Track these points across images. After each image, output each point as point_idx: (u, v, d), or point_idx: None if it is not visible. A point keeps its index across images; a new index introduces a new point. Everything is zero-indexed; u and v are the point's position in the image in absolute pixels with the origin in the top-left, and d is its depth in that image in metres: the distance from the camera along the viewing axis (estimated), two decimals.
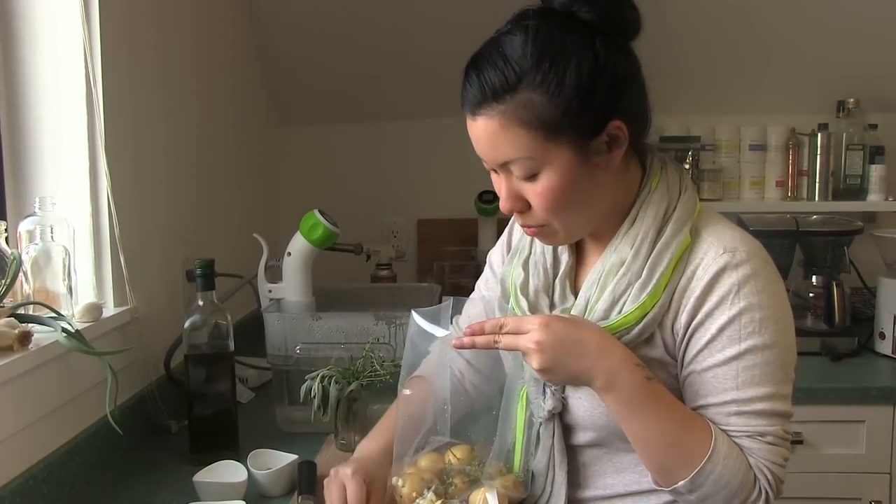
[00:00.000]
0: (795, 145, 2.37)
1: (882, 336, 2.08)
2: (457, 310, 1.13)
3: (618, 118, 0.97)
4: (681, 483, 0.96)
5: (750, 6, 2.25)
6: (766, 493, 0.97)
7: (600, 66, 0.94)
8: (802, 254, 2.20)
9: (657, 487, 1.01)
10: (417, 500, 1.04)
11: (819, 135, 2.31)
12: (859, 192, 2.33)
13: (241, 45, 2.33)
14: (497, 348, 1.00)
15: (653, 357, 1.02)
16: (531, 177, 0.98)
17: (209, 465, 1.32)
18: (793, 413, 1.01)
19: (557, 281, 1.10)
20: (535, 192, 0.98)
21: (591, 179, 0.99)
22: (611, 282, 1.02)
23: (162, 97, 1.71)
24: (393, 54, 2.41)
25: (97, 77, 1.42)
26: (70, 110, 1.42)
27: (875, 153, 2.32)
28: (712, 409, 0.99)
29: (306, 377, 1.43)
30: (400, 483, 1.07)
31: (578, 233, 1.07)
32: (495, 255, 1.28)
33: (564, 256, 1.11)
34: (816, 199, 2.33)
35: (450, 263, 2.50)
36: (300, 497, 1.22)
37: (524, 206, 1.01)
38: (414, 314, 1.11)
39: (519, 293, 1.11)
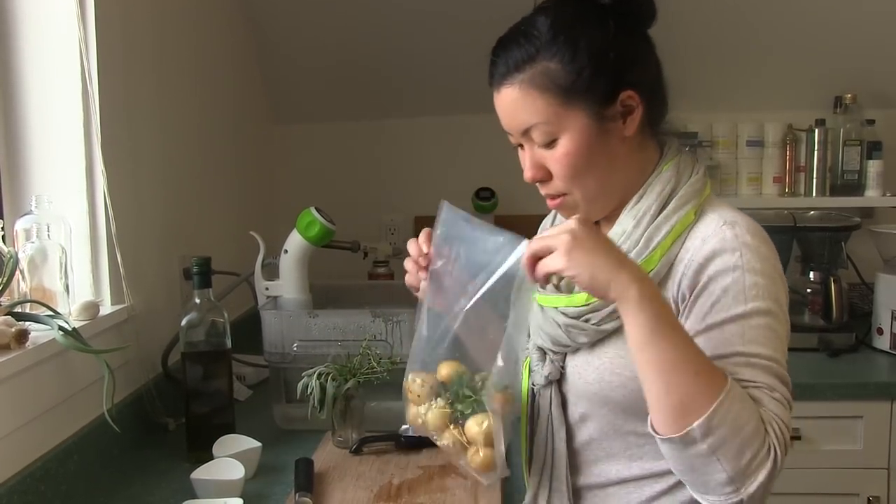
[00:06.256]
0: (793, 141, 2.37)
1: (880, 332, 2.08)
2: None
3: (629, 88, 1.01)
4: (697, 423, 0.86)
5: (747, 2, 2.25)
6: (775, 450, 0.88)
7: (611, 40, 1.00)
8: (800, 249, 2.20)
9: (657, 463, 0.99)
10: (427, 403, 1.01)
11: (816, 131, 2.32)
12: (857, 188, 2.34)
13: (238, 42, 2.32)
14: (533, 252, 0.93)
15: None
16: (550, 143, 1.02)
17: (206, 462, 1.31)
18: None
19: None
20: (554, 157, 1.03)
21: (607, 147, 1.03)
22: None
23: (158, 94, 1.71)
24: (390, 52, 2.40)
25: (93, 75, 1.42)
26: (66, 108, 1.42)
27: (872, 149, 2.33)
28: (719, 361, 0.93)
29: (303, 374, 1.43)
30: (416, 380, 1.02)
31: (597, 205, 1.08)
32: None
33: None
34: (814, 194, 2.34)
35: None
36: (297, 494, 1.22)
37: (546, 175, 1.05)
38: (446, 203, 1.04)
39: None
